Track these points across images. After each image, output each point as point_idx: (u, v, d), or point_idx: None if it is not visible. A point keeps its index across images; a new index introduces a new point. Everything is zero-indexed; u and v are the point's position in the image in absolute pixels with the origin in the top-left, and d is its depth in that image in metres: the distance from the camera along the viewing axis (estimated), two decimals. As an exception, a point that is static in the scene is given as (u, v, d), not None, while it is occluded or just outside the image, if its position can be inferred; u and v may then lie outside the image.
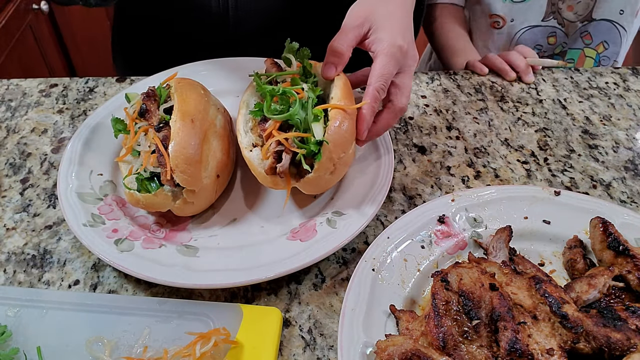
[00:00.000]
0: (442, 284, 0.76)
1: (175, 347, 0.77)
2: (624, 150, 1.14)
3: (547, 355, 0.70)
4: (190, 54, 1.23)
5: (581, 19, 1.48)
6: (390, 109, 0.94)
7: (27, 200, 1.03)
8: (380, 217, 1.00)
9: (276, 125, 0.89)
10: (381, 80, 0.90)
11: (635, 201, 1.03)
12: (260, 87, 0.95)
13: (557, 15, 1.48)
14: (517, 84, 1.31)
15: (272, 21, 1.28)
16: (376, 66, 0.91)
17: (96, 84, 1.29)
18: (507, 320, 0.72)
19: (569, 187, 1.06)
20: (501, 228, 0.89)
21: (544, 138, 1.16)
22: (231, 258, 0.88)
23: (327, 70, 0.94)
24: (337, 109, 0.88)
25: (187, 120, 0.90)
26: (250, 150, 0.92)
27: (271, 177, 0.88)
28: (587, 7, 1.47)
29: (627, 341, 0.71)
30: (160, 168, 0.88)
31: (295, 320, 0.85)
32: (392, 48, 0.91)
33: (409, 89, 0.95)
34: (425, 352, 0.69)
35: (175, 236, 0.93)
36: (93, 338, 0.79)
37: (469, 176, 1.08)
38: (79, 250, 0.95)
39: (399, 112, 0.95)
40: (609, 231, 0.84)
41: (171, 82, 0.99)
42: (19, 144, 1.14)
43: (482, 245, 0.90)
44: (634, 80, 1.33)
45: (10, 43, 2.20)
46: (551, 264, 0.89)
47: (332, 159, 0.87)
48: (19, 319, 0.82)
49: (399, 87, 0.94)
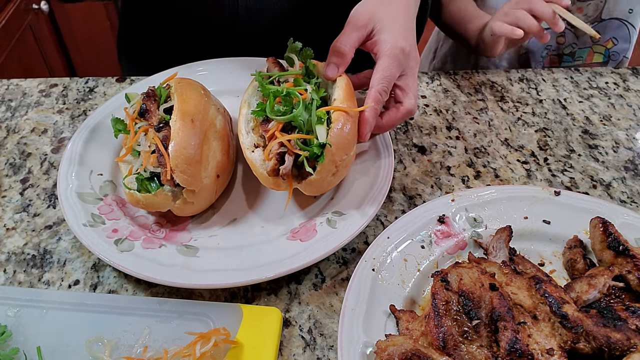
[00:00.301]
0: (442, 284, 0.76)
1: (175, 347, 0.77)
2: (624, 150, 1.14)
3: (547, 355, 0.70)
4: (197, 54, 1.23)
5: (591, 20, 1.47)
6: (399, 110, 0.95)
7: (27, 200, 1.03)
8: (380, 217, 1.00)
9: (279, 126, 0.89)
10: (384, 83, 0.90)
11: (635, 201, 1.03)
12: (263, 87, 0.95)
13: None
14: (517, 84, 1.31)
15: (282, 21, 1.27)
16: (379, 68, 0.91)
17: (96, 84, 1.29)
18: (507, 320, 0.72)
19: (569, 187, 1.06)
20: (501, 228, 0.89)
21: (544, 138, 1.17)
22: (231, 258, 0.88)
23: (329, 70, 0.94)
24: (339, 111, 0.88)
25: (187, 120, 0.90)
26: (252, 151, 0.92)
27: (273, 178, 0.88)
28: (597, 8, 1.46)
29: (627, 341, 0.71)
30: (160, 168, 0.88)
31: (295, 320, 0.85)
32: (395, 50, 0.91)
33: (415, 90, 0.95)
34: (425, 352, 0.69)
35: (175, 236, 0.93)
36: (93, 338, 0.79)
37: (469, 176, 1.08)
38: (79, 250, 0.95)
39: (406, 114, 0.95)
40: (609, 231, 0.84)
41: (171, 82, 0.99)
42: (19, 144, 1.14)
43: (482, 245, 0.90)
44: (634, 80, 1.33)
45: (10, 43, 2.20)
46: (551, 264, 0.89)
47: (334, 161, 0.87)
48: (19, 319, 0.82)
49: (404, 89, 0.94)
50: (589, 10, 1.46)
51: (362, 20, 0.94)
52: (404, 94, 0.94)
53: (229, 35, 1.30)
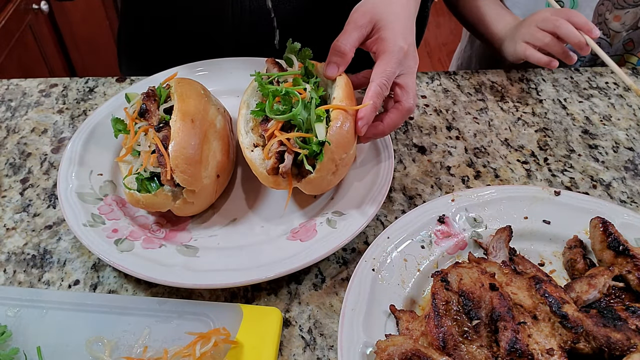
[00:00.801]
0: (442, 284, 0.76)
1: (175, 347, 0.77)
2: (624, 150, 1.14)
3: (547, 355, 0.70)
4: (197, 54, 1.22)
5: (627, 28, 1.41)
6: (399, 110, 0.95)
7: (27, 200, 1.03)
8: (380, 217, 1.00)
9: (278, 125, 0.89)
10: (384, 77, 0.90)
11: (635, 201, 1.03)
12: (262, 87, 0.95)
13: (603, 26, 1.41)
14: (517, 84, 1.31)
15: (285, 23, 1.27)
16: (379, 64, 0.92)
17: (96, 84, 1.29)
18: (507, 320, 0.72)
19: (569, 187, 1.06)
20: (501, 228, 0.89)
21: (544, 138, 1.17)
22: (231, 258, 0.88)
23: (329, 69, 0.94)
24: (339, 110, 0.88)
25: (187, 120, 0.90)
26: (252, 151, 0.92)
27: (273, 177, 0.88)
28: (635, 16, 1.39)
29: (627, 341, 0.71)
30: (160, 168, 0.88)
31: (295, 320, 0.85)
32: (395, 48, 0.91)
33: (414, 89, 0.95)
34: (425, 352, 0.69)
35: (175, 236, 0.93)
36: (93, 338, 0.79)
37: (469, 176, 1.08)
38: (79, 250, 0.95)
39: (406, 113, 0.95)
40: (609, 231, 0.84)
41: (171, 82, 0.99)
42: (19, 144, 1.14)
43: (482, 245, 0.90)
44: (634, 80, 1.33)
45: (10, 43, 2.20)
46: (551, 264, 0.89)
47: (334, 160, 0.87)
48: (19, 319, 0.82)
49: (403, 87, 0.94)
50: (627, 18, 1.40)
51: (363, 20, 0.94)
52: (403, 92, 0.94)
53: (230, 36, 1.30)
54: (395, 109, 0.95)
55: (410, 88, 0.94)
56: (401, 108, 0.95)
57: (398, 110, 0.95)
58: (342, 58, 0.94)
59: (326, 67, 0.95)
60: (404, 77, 0.94)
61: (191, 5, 1.28)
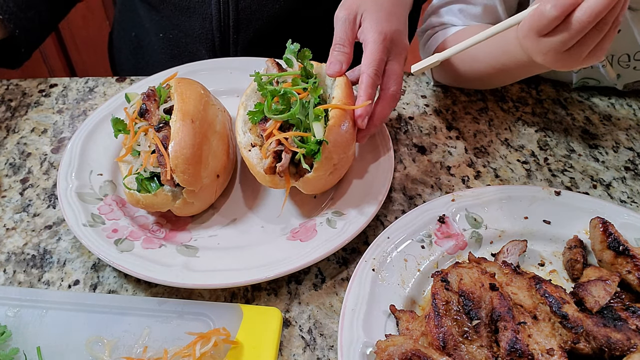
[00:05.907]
0: (442, 284, 0.76)
1: (175, 347, 0.77)
2: (624, 150, 1.14)
3: (547, 355, 0.70)
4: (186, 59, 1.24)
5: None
6: (383, 98, 0.95)
7: (27, 200, 1.03)
8: (380, 217, 1.00)
9: (277, 125, 0.89)
10: (373, 66, 0.91)
11: (635, 201, 1.03)
12: (261, 87, 0.95)
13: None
14: (517, 84, 1.30)
15: (272, 25, 1.28)
16: (366, 54, 0.92)
17: (96, 84, 1.29)
18: (507, 320, 0.72)
19: (569, 187, 1.06)
20: (520, 240, 0.88)
21: (544, 138, 1.16)
22: (231, 258, 0.88)
23: (332, 67, 0.95)
24: (337, 109, 0.88)
25: (187, 120, 0.90)
26: (249, 150, 0.92)
27: (270, 176, 0.88)
28: None
29: (627, 341, 0.71)
30: (160, 168, 0.88)
31: (295, 320, 0.85)
32: (379, 35, 0.92)
33: (399, 75, 0.95)
34: (425, 352, 0.69)
35: (175, 236, 0.93)
36: (93, 338, 0.79)
37: (469, 176, 1.08)
38: (79, 250, 0.95)
39: (391, 99, 0.95)
40: (609, 231, 0.84)
41: (171, 82, 0.99)
42: (19, 144, 1.14)
43: None
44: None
45: (10, 43, 2.20)
46: (551, 264, 0.89)
47: (331, 159, 0.87)
48: (19, 319, 0.82)
49: (387, 73, 0.95)
50: None
51: (350, 13, 0.95)
52: (386, 79, 0.95)
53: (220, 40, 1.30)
54: (380, 98, 0.95)
55: (394, 73, 0.95)
56: (384, 96, 0.95)
57: (383, 99, 0.95)
58: (343, 55, 0.94)
59: (329, 65, 0.95)
60: (390, 63, 0.95)
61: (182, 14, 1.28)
